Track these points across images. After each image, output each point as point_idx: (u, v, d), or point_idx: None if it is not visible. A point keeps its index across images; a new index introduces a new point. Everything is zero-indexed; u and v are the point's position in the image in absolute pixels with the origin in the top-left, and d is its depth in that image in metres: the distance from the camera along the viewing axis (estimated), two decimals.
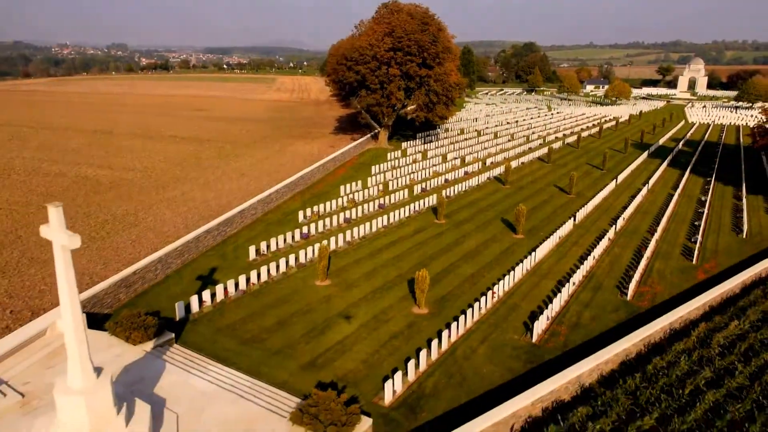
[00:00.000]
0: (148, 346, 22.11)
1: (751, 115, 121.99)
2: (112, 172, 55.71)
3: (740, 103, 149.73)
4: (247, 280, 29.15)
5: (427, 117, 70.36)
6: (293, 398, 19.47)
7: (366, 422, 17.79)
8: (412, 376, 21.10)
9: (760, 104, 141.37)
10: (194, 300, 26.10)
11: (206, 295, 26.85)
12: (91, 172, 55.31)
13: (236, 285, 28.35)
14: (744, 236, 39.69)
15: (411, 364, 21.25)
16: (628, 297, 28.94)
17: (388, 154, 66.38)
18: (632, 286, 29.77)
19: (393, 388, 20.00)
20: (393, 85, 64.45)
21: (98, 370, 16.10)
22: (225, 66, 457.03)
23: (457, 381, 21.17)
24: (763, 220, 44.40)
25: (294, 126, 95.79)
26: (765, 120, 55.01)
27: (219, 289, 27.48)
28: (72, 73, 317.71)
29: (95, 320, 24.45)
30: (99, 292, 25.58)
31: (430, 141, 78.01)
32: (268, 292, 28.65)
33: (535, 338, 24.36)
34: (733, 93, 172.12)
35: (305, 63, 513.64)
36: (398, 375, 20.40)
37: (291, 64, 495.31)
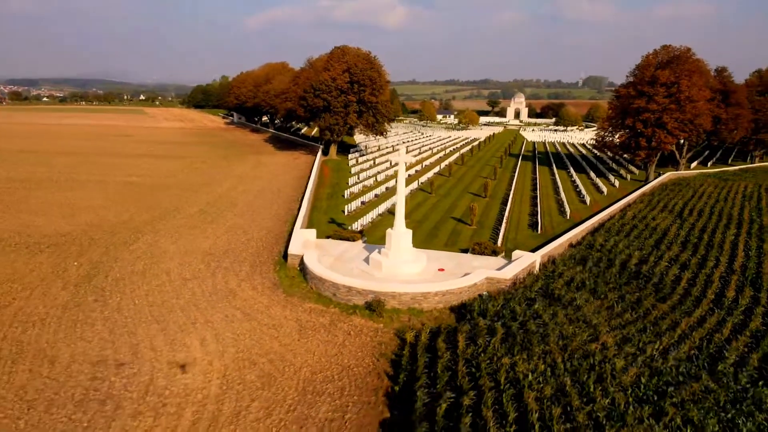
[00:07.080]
0: (362, 243, 39.83)
1: (568, 135, 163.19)
2: (144, 179, 67.10)
3: (558, 127, 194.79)
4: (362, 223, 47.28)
5: (367, 132, 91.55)
6: (455, 252, 38.88)
7: (502, 253, 38.16)
8: (500, 241, 41.86)
9: (571, 127, 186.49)
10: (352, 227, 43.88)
11: (356, 225, 44.61)
12: (126, 179, 66.19)
13: (358, 224, 46.35)
14: (605, 195, 67.13)
15: (499, 237, 42.01)
16: (567, 217, 52.80)
17: (348, 162, 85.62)
18: (568, 213, 53.79)
19: (497, 244, 40.55)
20: (351, 108, 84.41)
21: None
22: (47, 98, 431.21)
23: (519, 243, 42.24)
24: (610, 188, 72.94)
25: (236, 146, 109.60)
26: (601, 133, 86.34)
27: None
28: None
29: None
30: (302, 223, 42.07)
31: (364, 155, 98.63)
32: (377, 228, 46.88)
33: (538, 231, 46.63)
34: (550, 120, 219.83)
35: (141, 96, 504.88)
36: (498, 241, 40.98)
37: (127, 96, 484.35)
